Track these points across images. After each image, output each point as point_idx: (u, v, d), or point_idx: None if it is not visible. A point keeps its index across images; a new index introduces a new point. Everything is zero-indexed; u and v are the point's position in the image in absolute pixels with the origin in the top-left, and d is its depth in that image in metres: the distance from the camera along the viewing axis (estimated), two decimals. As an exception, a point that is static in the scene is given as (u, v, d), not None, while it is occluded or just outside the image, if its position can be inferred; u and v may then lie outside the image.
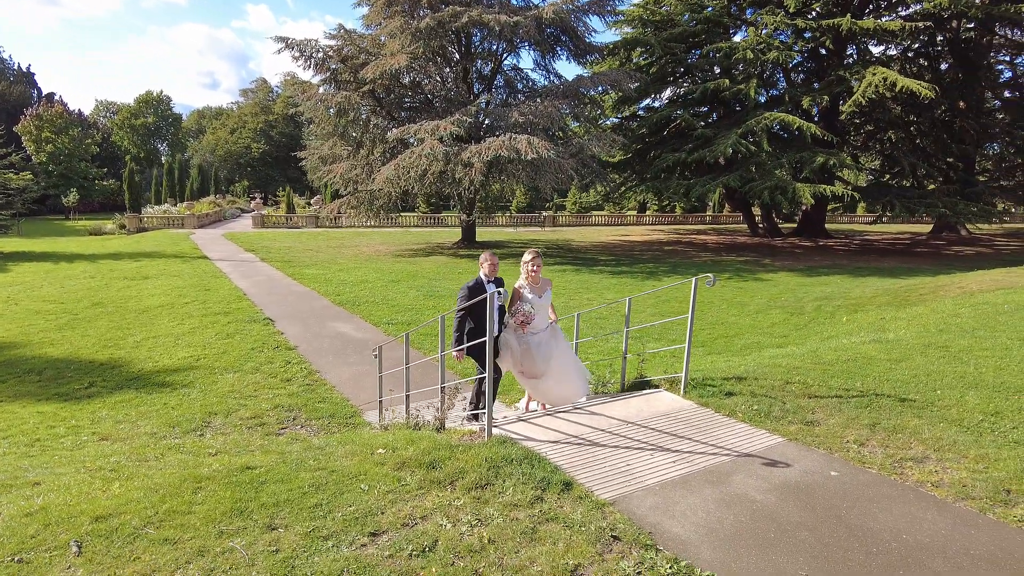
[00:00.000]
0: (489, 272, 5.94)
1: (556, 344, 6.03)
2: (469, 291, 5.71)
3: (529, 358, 5.89)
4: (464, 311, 5.64)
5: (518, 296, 5.96)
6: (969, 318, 9.22)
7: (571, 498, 3.61)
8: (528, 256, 6.01)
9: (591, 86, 27.26)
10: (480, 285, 5.79)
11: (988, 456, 4.15)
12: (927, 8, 25.74)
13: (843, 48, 29.58)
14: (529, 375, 5.96)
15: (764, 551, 3.11)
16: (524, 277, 6.00)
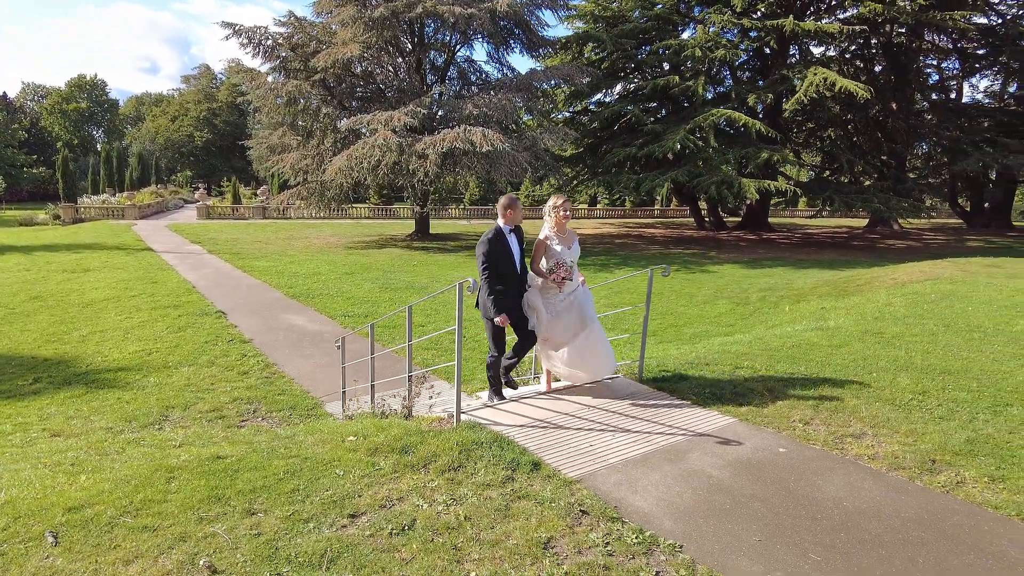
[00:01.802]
0: (509, 219, 5.16)
1: (589, 307, 5.39)
2: (490, 243, 5.00)
3: (559, 324, 5.26)
4: (490, 266, 4.98)
5: (543, 249, 5.25)
6: (901, 307, 9.85)
7: (540, 477, 3.80)
8: (558, 200, 5.26)
9: (544, 80, 27.50)
10: (500, 235, 5.09)
11: (917, 431, 4.54)
12: (863, 12, 26.95)
13: (786, 48, 30.66)
14: (556, 345, 5.35)
15: (721, 521, 3.37)
16: (551, 226, 5.27)
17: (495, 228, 5.11)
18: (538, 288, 5.31)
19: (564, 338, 5.29)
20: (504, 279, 5.04)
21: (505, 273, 5.05)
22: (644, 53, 31.70)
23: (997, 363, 6.29)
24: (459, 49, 28.92)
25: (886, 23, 29.68)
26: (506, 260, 5.05)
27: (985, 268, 13.64)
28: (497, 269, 5.00)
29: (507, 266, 5.06)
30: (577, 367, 5.40)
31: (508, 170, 23.62)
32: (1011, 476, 3.88)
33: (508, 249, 5.06)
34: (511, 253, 5.09)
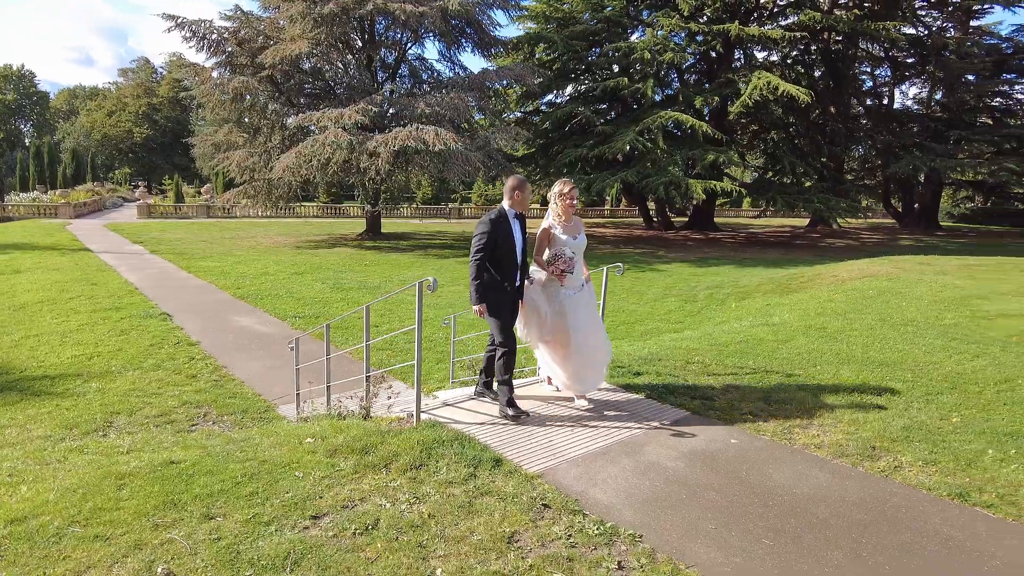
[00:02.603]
0: (517, 202, 4.73)
1: (593, 307, 5.01)
2: (492, 224, 4.57)
3: (562, 324, 4.82)
4: (484, 253, 4.55)
5: (547, 239, 4.83)
6: (842, 303, 10.30)
7: (502, 473, 3.85)
8: (564, 185, 4.84)
9: (496, 79, 27.57)
10: (503, 217, 4.66)
11: (858, 420, 4.78)
12: (803, 20, 27.97)
13: (732, 52, 31.55)
14: (559, 349, 4.92)
15: (678, 510, 3.49)
16: (555, 214, 4.87)
17: (499, 209, 4.69)
18: (541, 283, 4.94)
19: (568, 342, 4.82)
20: (501, 267, 4.64)
21: (503, 261, 4.63)
22: (594, 55, 32.12)
23: (929, 354, 6.66)
24: (410, 47, 28.75)
25: (825, 31, 30.87)
26: (506, 246, 4.62)
27: (917, 266, 14.37)
28: (495, 254, 4.59)
29: (507, 253, 4.63)
30: (581, 378, 4.95)
31: (461, 169, 23.59)
32: (942, 460, 4.13)
33: (510, 234, 4.63)
34: (513, 239, 4.65)
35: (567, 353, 4.86)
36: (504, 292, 4.69)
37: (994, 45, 35.16)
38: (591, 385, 5.00)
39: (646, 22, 31.88)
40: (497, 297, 4.69)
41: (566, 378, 4.98)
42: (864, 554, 3.10)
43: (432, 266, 20.81)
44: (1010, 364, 6.33)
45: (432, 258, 23.09)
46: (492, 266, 4.63)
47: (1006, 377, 5.88)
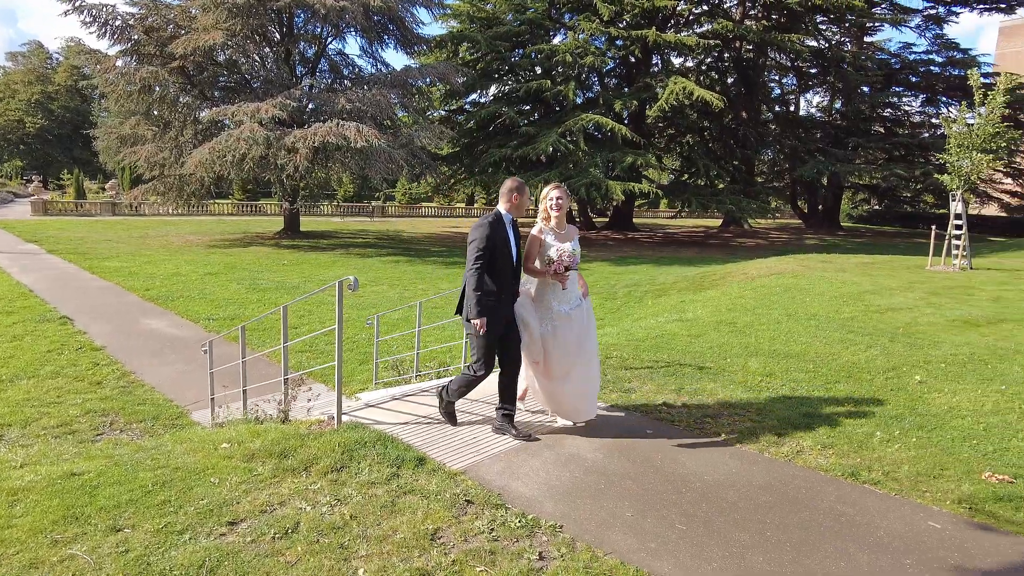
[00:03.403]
0: (517, 206, 4.34)
1: (592, 326, 4.55)
2: (491, 227, 4.14)
3: (559, 344, 4.33)
4: (484, 259, 4.10)
5: (538, 245, 4.40)
6: (751, 299, 10.87)
7: (425, 471, 3.86)
8: (552, 191, 4.43)
9: (419, 77, 27.35)
10: (500, 222, 4.24)
11: (765, 409, 5.08)
12: (716, 28, 29.29)
13: (649, 58, 32.56)
14: (552, 373, 4.40)
15: (597, 499, 3.61)
16: (544, 219, 4.47)
17: (495, 212, 4.27)
18: (531, 297, 4.49)
19: (562, 365, 4.36)
20: (498, 277, 4.20)
21: (501, 270, 4.20)
22: (517, 56, 32.43)
23: (828, 346, 7.14)
24: (331, 42, 28.14)
25: (736, 39, 32.37)
26: (504, 253, 4.21)
27: (820, 263, 15.30)
28: (494, 262, 4.16)
29: (504, 261, 4.21)
30: (575, 408, 4.52)
31: (383, 167, 23.27)
32: (838, 443, 4.45)
33: (507, 240, 4.24)
34: (510, 246, 4.26)
35: (560, 378, 4.40)
36: (498, 306, 4.24)
37: (884, 60, 37.92)
38: (585, 415, 4.56)
39: (568, 25, 32.46)
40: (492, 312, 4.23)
41: (557, 405, 4.54)
42: (768, 533, 3.31)
43: (354, 265, 20.43)
44: (897, 353, 6.88)
45: (354, 257, 22.67)
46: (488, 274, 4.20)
47: (893, 365, 6.40)
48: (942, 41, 38.93)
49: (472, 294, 4.12)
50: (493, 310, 4.15)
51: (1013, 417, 5.07)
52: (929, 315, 9.10)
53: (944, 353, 6.95)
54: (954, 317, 8.94)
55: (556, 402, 4.52)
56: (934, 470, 4.08)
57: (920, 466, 4.13)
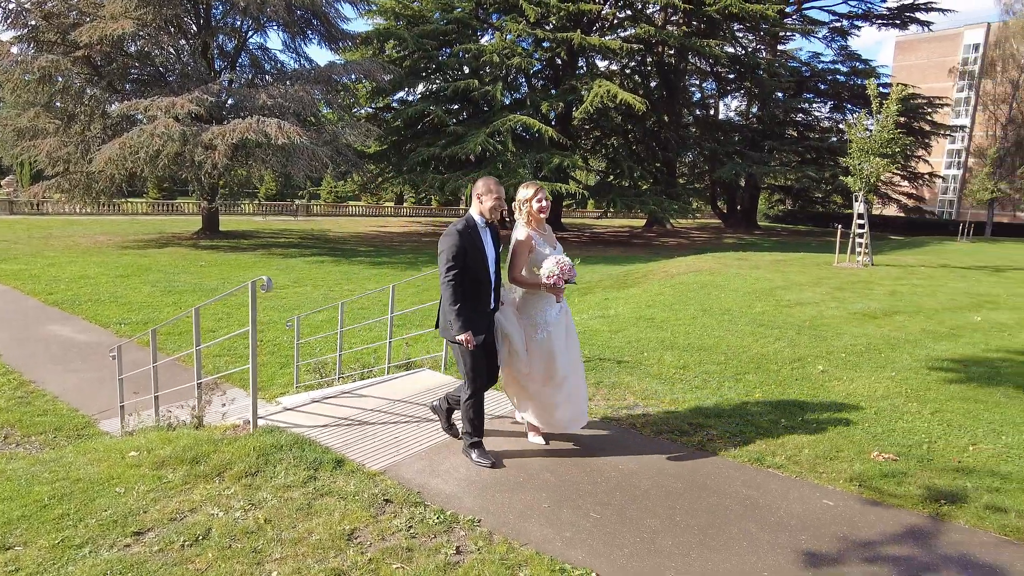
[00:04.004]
0: (491, 209, 4.00)
1: (575, 333, 4.33)
2: (460, 235, 3.82)
3: (553, 352, 4.07)
4: (457, 268, 3.80)
5: (527, 251, 4.07)
6: (670, 295, 11.25)
7: (344, 473, 3.83)
8: (529, 190, 4.13)
9: (344, 74, 26.83)
10: (472, 228, 3.94)
11: (678, 400, 5.30)
12: (639, 33, 30.12)
13: (575, 60, 33.13)
14: (551, 382, 4.12)
15: (515, 493, 3.68)
16: (524, 222, 4.13)
17: (465, 218, 3.98)
18: (514, 306, 4.21)
19: (552, 375, 4.12)
20: (476, 287, 3.92)
21: (477, 279, 3.92)
22: (445, 55, 32.32)
23: (740, 339, 7.50)
24: (252, 35, 27.17)
25: (659, 44, 33.40)
26: (479, 261, 3.91)
27: (736, 261, 16.01)
28: (467, 273, 3.87)
29: (480, 270, 3.92)
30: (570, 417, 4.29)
31: (307, 164, 22.69)
32: (747, 431, 4.70)
33: (481, 248, 3.94)
34: (484, 253, 3.95)
35: (551, 389, 4.16)
36: (480, 317, 3.95)
37: (796, 68, 40.10)
38: (579, 423, 4.37)
39: (495, 26, 32.62)
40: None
41: (548, 417, 4.27)
42: (678, 518, 3.47)
43: (277, 266, 19.85)
44: (802, 345, 7.31)
45: (277, 257, 22.01)
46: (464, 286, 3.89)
47: (798, 356, 6.79)
48: (846, 52, 41.57)
49: (450, 309, 3.81)
50: (476, 322, 3.86)
51: (901, 400, 5.49)
52: (833, 309, 9.70)
53: (845, 344, 7.43)
54: (855, 310, 9.56)
55: (548, 413, 4.24)
56: (831, 452, 4.37)
57: (819, 449, 4.42)
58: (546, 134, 27.87)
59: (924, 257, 20.70)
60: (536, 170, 29.25)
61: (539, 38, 30.41)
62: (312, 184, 57.78)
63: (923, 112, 40.33)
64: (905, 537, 3.36)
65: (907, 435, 4.74)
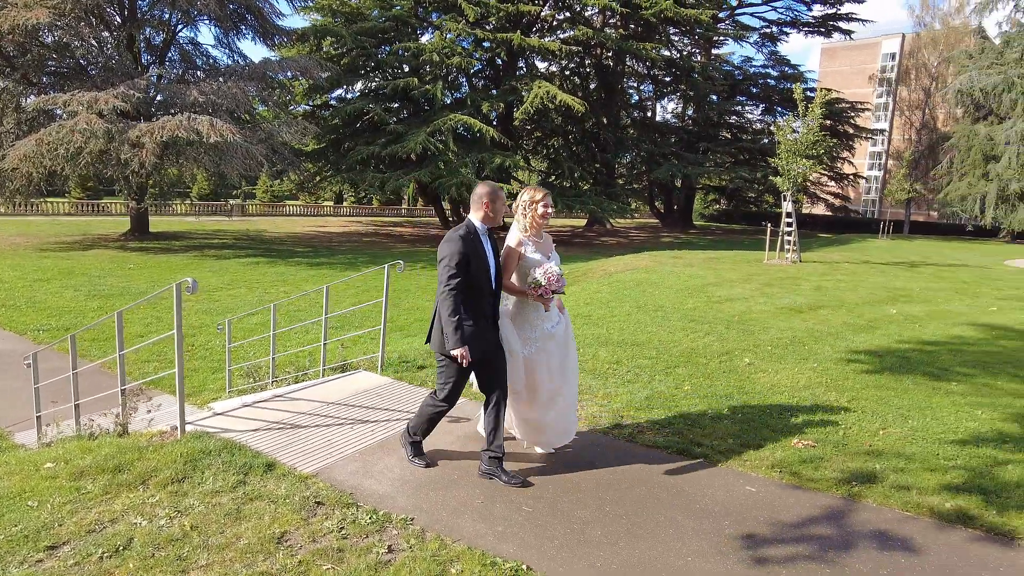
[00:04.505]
0: (493, 215, 3.78)
1: (574, 345, 4.18)
2: (462, 242, 3.61)
3: (543, 366, 3.93)
4: (460, 278, 3.57)
5: (516, 259, 3.91)
6: (607, 293, 11.49)
7: (275, 476, 3.77)
8: (537, 194, 3.91)
9: (280, 70, 26.20)
10: (474, 235, 3.72)
11: (611, 394, 5.44)
12: (577, 35, 30.51)
13: (515, 61, 33.30)
14: (537, 399, 3.98)
15: (450, 489, 3.71)
16: (524, 227, 3.93)
17: (466, 224, 3.76)
18: (510, 316, 4.00)
19: (551, 386, 3.96)
20: (477, 297, 3.70)
21: (479, 290, 3.70)
22: (384, 53, 31.94)
23: (671, 334, 7.74)
24: (181, 29, 26.19)
25: (597, 46, 33.93)
26: (481, 270, 3.70)
27: (671, 259, 16.47)
28: (470, 283, 3.64)
29: (482, 279, 3.71)
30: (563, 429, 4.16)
31: (242, 163, 22.06)
32: (676, 422, 4.86)
33: (484, 255, 3.73)
34: (486, 261, 3.74)
35: (545, 404, 4.00)
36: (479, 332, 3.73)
37: (729, 72, 41.45)
38: (568, 437, 4.23)
39: (435, 24, 32.45)
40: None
41: (538, 435, 4.15)
42: (607, 508, 3.57)
43: (210, 267, 19.22)
44: (731, 339, 7.60)
45: (210, 259, 21.31)
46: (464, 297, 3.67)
47: (727, 350, 7.06)
48: (776, 57, 43.25)
49: (449, 320, 3.56)
50: (474, 337, 3.65)
51: (821, 390, 5.78)
52: (761, 304, 10.11)
53: (771, 337, 7.76)
54: (782, 305, 9.99)
55: (538, 431, 4.12)
56: (754, 441, 4.57)
57: (743, 438, 4.61)
58: (487, 134, 27.92)
59: (848, 254, 21.77)
60: (478, 170, 29.27)
61: (479, 38, 30.43)
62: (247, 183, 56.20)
63: (847, 116, 42.40)
64: (821, 518, 3.56)
65: (825, 422, 5.00)
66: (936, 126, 48.67)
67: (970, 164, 40.78)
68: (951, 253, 26.10)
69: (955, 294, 12.40)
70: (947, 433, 4.82)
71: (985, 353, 7.49)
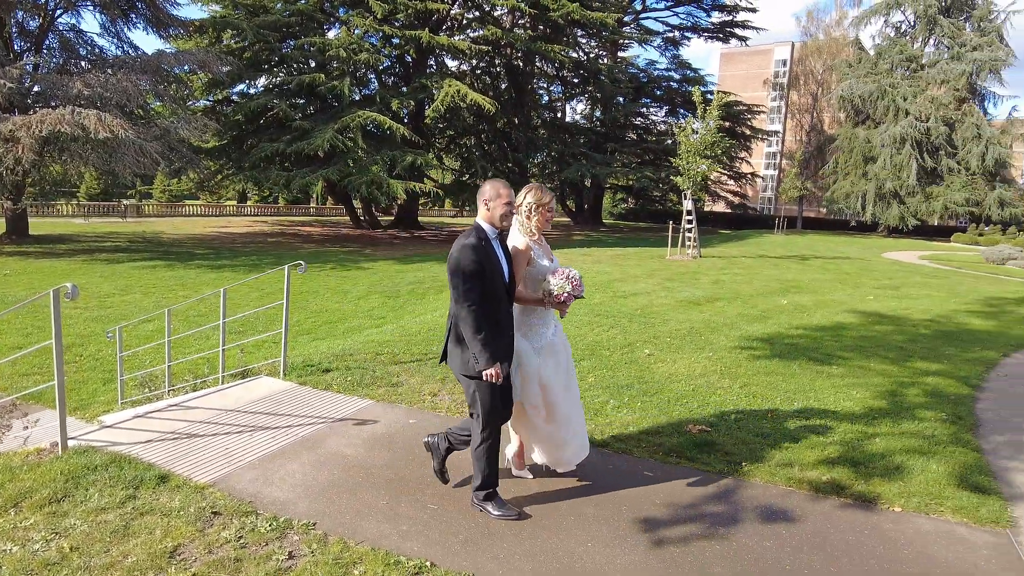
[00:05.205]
0: (503, 217, 3.40)
1: (570, 352, 3.90)
2: (475, 251, 3.26)
3: (553, 377, 3.64)
4: (477, 289, 3.24)
5: (525, 261, 3.59)
6: (519, 291, 11.64)
7: (168, 489, 3.61)
8: (544, 196, 3.63)
9: (176, 63, 24.79)
10: (486, 241, 3.37)
11: (519, 391, 5.53)
12: (487, 35, 30.63)
13: (425, 59, 33.03)
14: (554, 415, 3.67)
15: (354, 493, 3.67)
16: (530, 230, 3.63)
17: (475, 228, 3.39)
18: (515, 326, 3.63)
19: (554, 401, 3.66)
20: (495, 309, 3.33)
21: (497, 298, 3.35)
22: (289, 47, 30.87)
23: (577, 328, 7.95)
24: (61, 15, 24.25)
25: (507, 47, 34.16)
26: (496, 279, 3.36)
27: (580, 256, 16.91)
28: (487, 293, 3.28)
29: (499, 289, 3.38)
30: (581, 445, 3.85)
31: (135, 161, 20.72)
32: (580, 415, 5.01)
33: (497, 262, 3.39)
34: (502, 268, 3.42)
35: (553, 417, 3.69)
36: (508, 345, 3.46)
37: (635, 74, 42.83)
38: (585, 451, 3.92)
39: (342, 19, 31.69)
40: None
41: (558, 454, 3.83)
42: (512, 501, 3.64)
43: (100, 272, 17.96)
44: (633, 332, 7.90)
45: (101, 263, 19.90)
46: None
47: (629, 342, 7.34)
48: (679, 61, 45.12)
49: (474, 339, 3.21)
50: (507, 352, 3.37)
51: (715, 377, 6.12)
52: (663, 297, 10.55)
53: (670, 329, 8.13)
54: (682, 298, 10.47)
55: (558, 449, 3.78)
56: (653, 428, 4.79)
57: (642, 426, 4.82)
58: (398, 132, 27.55)
59: (745, 249, 23.06)
60: (390, 168, 28.85)
61: (387, 34, 29.96)
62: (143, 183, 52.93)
63: (744, 118, 44.81)
64: (713, 498, 3.78)
65: (719, 408, 5.30)
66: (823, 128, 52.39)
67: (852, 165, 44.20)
68: (837, 247, 28.14)
69: (839, 284, 13.42)
70: (826, 413, 5.23)
71: (862, 338, 8.16)
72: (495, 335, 3.28)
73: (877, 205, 42.56)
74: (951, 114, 40.17)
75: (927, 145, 40.58)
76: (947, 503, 3.76)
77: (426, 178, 32.55)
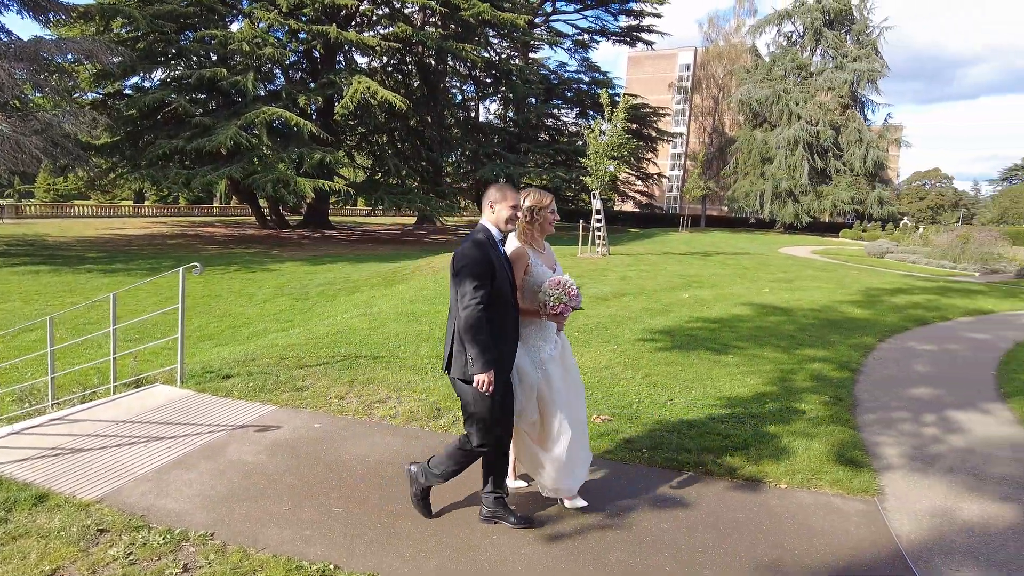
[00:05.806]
0: (508, 219, 3.23)
1: (576, 366, 3.74)
2: (480, 248, 3.11)
3: (551, 394, 3.42)
4: (486, 292, 3.04)
5: (522, 268, 3.38)
6: (432, 289, 11.62)
7: (47, 509, 3.39)
8: (544, 199, 3.48)
9: (58, 52, 23.05)
10: (492, 242, 3.21)
11: (429, 388, 5.54)
12: (397, 32, 30.27)
13: (333, 55, 32.27)
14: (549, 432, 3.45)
15: (255, 500, 3.57)
16: (529, 236, 3.48)
17: (481, 229, 3.23)
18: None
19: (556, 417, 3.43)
20: (503, 314, 3.18)
21: (506, 304, 3.20)
22: (187, 40, 29.35)
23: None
24: (-82, -5, 22.03)
25: (418, 44, 33.90)
26: (505, 282, 3.20)
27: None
28: (495, 296, 3.11)
29: (508, 292, 3.23)
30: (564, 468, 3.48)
31: (11, 157, 19.14)
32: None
33: (504, 265, 3.23)
34: (508, 272, 3.26)
35: (556, 434, 3.45)
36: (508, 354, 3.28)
37: (546, 76, 43.54)
38: (583, 477, 3.65)
39: (245, 12, 30.46)
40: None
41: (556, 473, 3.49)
42: (418, 500, 3.65)
43: (-26, 279, 16.48)
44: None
45: (-26, 269, 18.27)
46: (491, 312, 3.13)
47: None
48: (588, 63, 46.22)
49: (474, 341, 3.02)
50: (507, 361, 3.23)
51: (619, 369, 6.35)
52: (574, 295, 10.80)
53: (579, 324, 8.34)
54: (590, 295, 10.77)
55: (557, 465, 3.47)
56: (559, 422, 4.91)
57: (549, 420, 4.93)
58: (305, 128, 26.79)
59: (652, 246, 23.95)
60: (297, 166, 27.99)
61: (294, 29, 29.09)
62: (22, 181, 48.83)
63: (650, 120, 46.49)
64: (615, 485, 3.93)
65: (621, 398, 5.51)
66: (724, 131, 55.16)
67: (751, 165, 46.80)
68: (737, 243, 29.71)
69: (738, 278, 14.18)
70: (721, 399, 5.54)
71: (757, 328, 8.68)
72: (498, 340, 3.11)
73: (774, 203, 45.28)
74: (837, 119, 43.32)
75: (817, 147, 43.58)
76: (826, 477, 4.09)
77: (336, 176, 31.81)
